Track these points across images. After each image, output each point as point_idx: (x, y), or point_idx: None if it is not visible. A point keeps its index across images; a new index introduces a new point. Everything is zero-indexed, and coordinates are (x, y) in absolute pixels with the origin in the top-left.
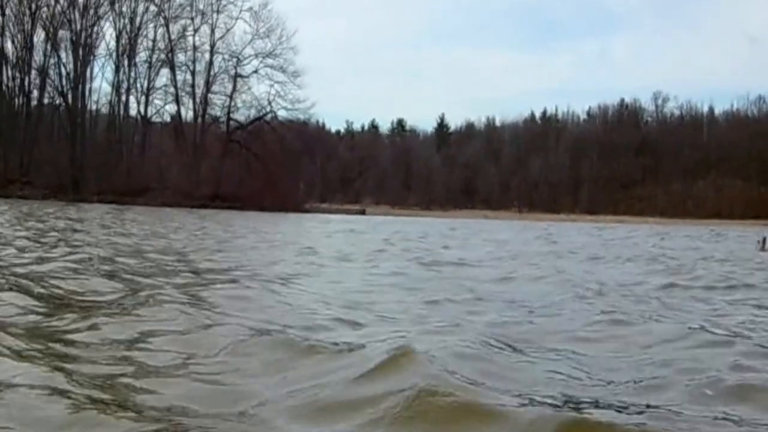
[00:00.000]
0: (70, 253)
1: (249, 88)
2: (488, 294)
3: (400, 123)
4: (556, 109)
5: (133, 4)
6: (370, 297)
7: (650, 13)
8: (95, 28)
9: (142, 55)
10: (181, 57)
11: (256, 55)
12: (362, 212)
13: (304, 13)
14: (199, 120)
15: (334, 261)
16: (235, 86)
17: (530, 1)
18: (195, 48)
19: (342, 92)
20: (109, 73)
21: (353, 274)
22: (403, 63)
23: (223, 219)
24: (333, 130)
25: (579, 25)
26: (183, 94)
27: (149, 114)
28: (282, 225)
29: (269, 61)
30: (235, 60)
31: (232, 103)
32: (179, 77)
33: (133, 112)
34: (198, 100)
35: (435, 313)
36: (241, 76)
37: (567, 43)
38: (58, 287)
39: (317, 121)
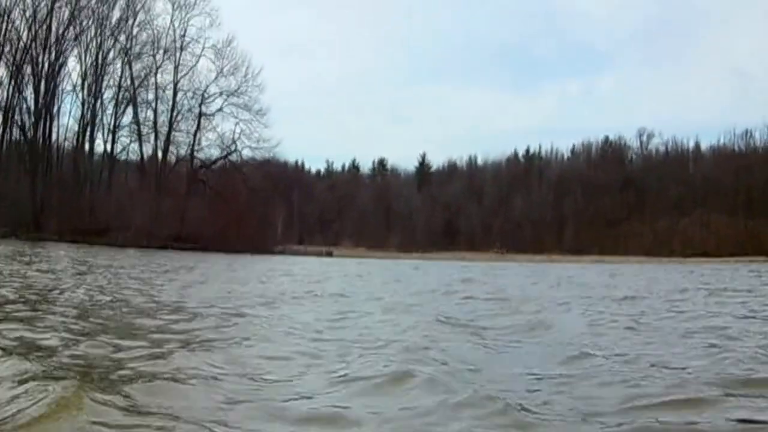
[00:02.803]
0: None
1: (214, 127)
2: None
3: (381, 163)
4: (540, 148)
5: (97, 41)
6: None
7: (636, 49)
8: (59, 62)
9: (108, 93)
10: (146, 95)
11: (221, 93)
12: (330, 254)
13: (285, 52)
14: (162, 159)
15: None
16: (199, 124)
17: (513, 40)
18: (157, 86)
19: (322, 132)
20: (76, 110)
21: None
22: (384, 102)
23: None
24: (313, 170)
25: (563, 63)
26: (148, 131)
27: (116, 152)
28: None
29: (234, 99)
30: (199, 98)
31: (197, 142)
32: (146, 115)
33: (99, 149)
34: (162, 138)
35: None
36: (205, 114)
37: (550, 81)
38: None
39: (296, 162)
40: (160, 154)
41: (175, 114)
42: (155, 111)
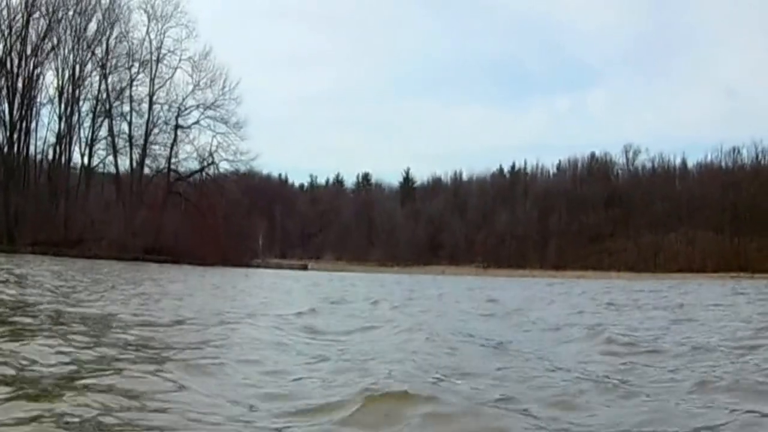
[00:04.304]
0: None
1: (191, 140)
2: None
3: (366, 177)
4: (525, 163)
5: (74, 54)
6: None
7: (624, 66)
8: (35, 75)
9: (86, 105)
10: (122, 107)
11: (198, 106)
12: (305, 267)
13: (271, 65)
14: (138, 171)
15: None
16: (176, 137)
17: (501, 55)
18: (132, 98)
19: (307, 146)
20: (53, 123)
21: None
22: (370, 116)
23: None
24: (296, 183)
25: (551, 79)
26: (124, 144)
27: (93, 164)
28: None
29: (211, 112)
30: (175, 110)
31: (174, 155)
32: (122, 127)
33: (77, 161)
34: (138, 150)
35: None
36: (181, 127)
37: (539, 97)
38: None
39: (279, 175)
40: (136, 167)
41: (151, 127)
42: (130, 124)
